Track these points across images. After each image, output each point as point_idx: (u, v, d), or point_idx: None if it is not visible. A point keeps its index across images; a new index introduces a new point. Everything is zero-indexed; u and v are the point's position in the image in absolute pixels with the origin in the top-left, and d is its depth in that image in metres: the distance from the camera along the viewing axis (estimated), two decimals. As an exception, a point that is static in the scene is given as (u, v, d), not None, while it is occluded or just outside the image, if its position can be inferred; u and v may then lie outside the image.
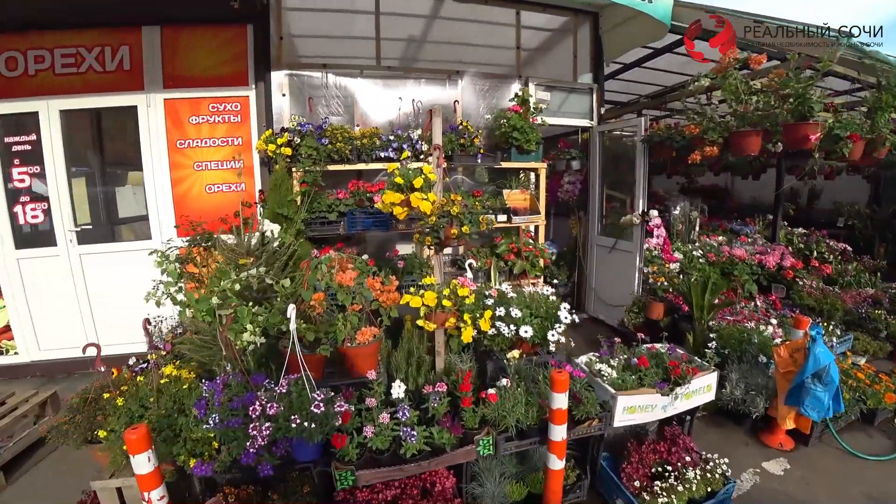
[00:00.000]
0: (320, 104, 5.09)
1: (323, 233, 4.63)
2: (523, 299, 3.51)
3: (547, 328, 3.33)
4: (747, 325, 4.64)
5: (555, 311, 3.39)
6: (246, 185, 5.12)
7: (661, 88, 7.41)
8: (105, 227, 5.27)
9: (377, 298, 3.24)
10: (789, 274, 6.07)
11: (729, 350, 4.25)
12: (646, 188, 5.34)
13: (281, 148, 4.50)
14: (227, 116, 5.09)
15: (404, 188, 3.08)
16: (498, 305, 3.42)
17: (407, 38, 5.60)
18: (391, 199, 3.03)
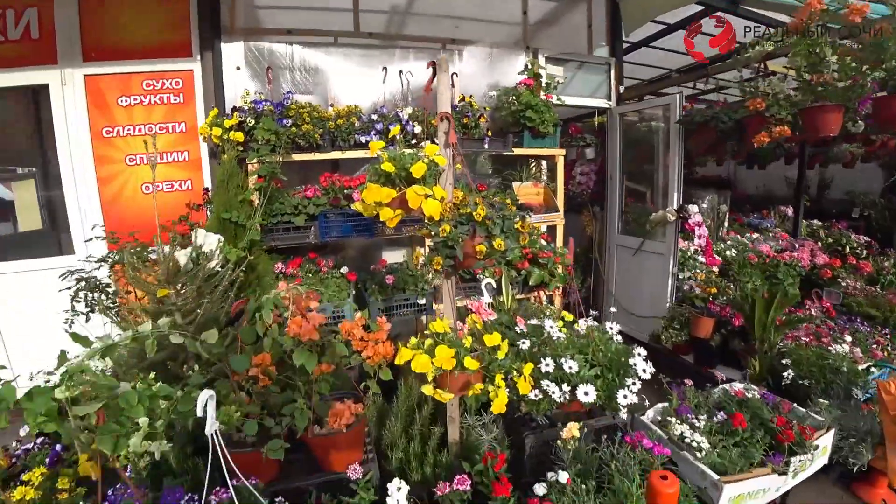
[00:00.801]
0: (283, 79, 3.74)
1: (288, 241, 3.31)
2: (574, 341, 2.25)
3: (614, 386, 2.07)
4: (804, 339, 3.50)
5: (624, 359, 2.13)
6: (193, 182, 3.76)
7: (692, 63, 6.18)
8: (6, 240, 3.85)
9: (359, 351, 1.95)
10: (826, 273, 4.94)
11: (810, 381, 3.07)
12: (681, 179, 4.13)
13: (229, 132, 3.16)
14: (167, 96, 3.72)
15: (396, 179, 1.78)
16: (541, 355, 2.14)
17: (390, 10, 4.25)
18: (376, 195, 1.75)
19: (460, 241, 1.77)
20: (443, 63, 1.99)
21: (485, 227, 1.81)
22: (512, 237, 1.88)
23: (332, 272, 3.42)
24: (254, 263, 3.01)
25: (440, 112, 1.95)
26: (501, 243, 1.77)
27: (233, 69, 3.74)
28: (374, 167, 1.89)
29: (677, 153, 4.08)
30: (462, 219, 1.86)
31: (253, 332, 1.74)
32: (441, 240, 1.77)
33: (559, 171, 4.02)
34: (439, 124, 1.96)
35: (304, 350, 1.76)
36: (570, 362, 2.05)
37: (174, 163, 3.74)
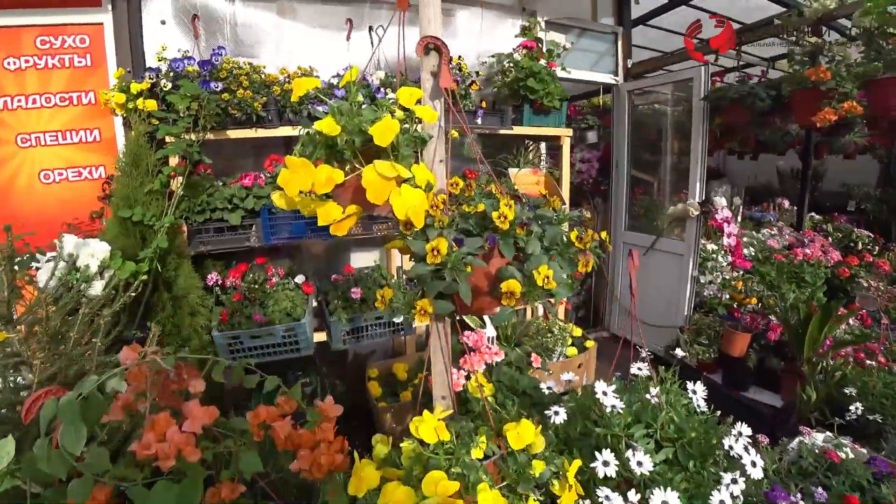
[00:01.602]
0: (222, 38, 2.73)
1: (222, 246, 2.34)
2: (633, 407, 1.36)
3: (703, 485, 1.20)
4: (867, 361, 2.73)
5: (715, 439, 1.26)
6: (107, 168, 2.74)
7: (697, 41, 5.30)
8: None
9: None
10: (845, 273, 4.19)
11: (884, 417, 2.28)
12: (704, 167, 3.28)
13: (137, 100, 2.16)
14: (69, 57, 2.68)
15: (346, 152, 0.83)
16: (586, 435, 1.26)
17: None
18: (303, 179, 0.79)
19: (467, 269, 0.87)
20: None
21: (510, 242, 0.91)
22: (565, 259, 0.99)
23: (284, 282, 2.47)
24: (169, 279, 2.05)
25: (424, 37, 1.03)
26: (550, 276, 0.87)
27: (156, 24, 2.71)
28: (305, 132, 0.96)
29: (701, 136, 3.23)
30: (470, 223, 0.95)
31: (54, 461, 0.80)
32: (430, 268, 0.86)
33: (565, 156, 3.11)
34: (423, 59, 1.04)
35: (169, 486, 0.83)
36: (638, 455, 1.16)
37: (82, 143, 2.70)
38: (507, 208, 0.91)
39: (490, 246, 0.90)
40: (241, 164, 2.85)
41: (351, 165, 0.92)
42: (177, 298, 2.04)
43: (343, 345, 2.40)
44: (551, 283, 0.90)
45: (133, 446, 0.80)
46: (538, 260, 0.91)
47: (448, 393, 1.17)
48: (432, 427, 0.95)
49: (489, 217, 0.91)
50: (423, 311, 0.92)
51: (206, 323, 2.19)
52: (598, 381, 1.30)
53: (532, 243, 0.92)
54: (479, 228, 0.94)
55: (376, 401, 2.42)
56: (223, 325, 2.22)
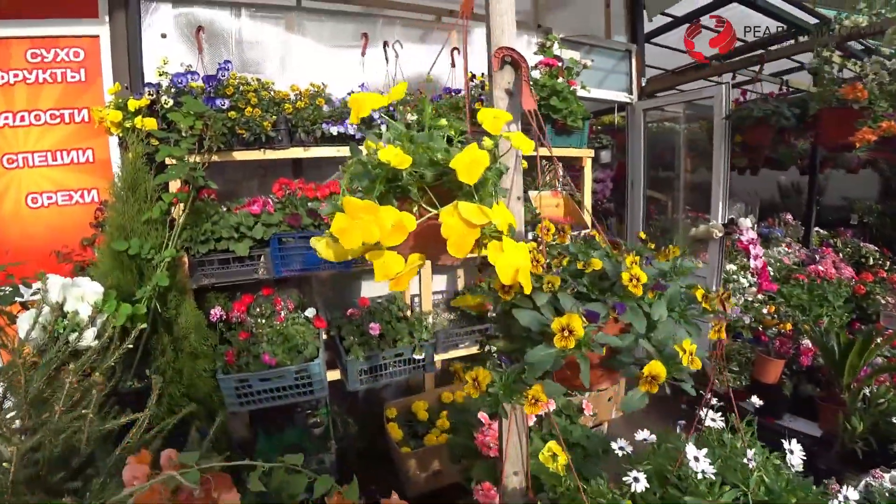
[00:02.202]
0: (227, 52, 2.52)
1: (226, 279, 2.10)
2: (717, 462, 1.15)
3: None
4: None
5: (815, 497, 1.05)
6: (100, 191, 2.50)
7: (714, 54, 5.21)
8: None
9: None
10: (860, 290, 4.04)
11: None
12: (727, 188, 3.12)
13: (135, 118, 1.93)
14: (62, 72, 2.47)
15: (408, 188, 0.60)
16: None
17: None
18: (365, 226, 0.55)
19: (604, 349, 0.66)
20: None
21: (639, 309, 0.70)
22: (690, 325, 0.78)
23: (294, 316, 2.23)
24: (169, 319, 1.80)
25: (500, 48, 0.82)
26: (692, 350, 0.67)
27: (156, 37, 2.50)
28: (356, 161, 0.75)
29: (723, 155, 3.07)
30: (583, 283, 0.74)
31: None
32: (552, 353, 0.64)
33: (587, 178, 2.93)
34: (496, 74, 0.84)
35: None
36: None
37: (74, 164, 2.47)
38: (637, 267, 0.70)
39: (618, 314, 0.69)
40: (244, 186, 2.62)
41: (417, 206, 0.71)
42: (178, 341, 1.79)
43: (360, 385, 2.16)
44: (696, 363, 0.70)
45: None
46: (666, 329, 0.71)
47: (521, 468, 0.95)
48: None
49: (607, 276, 0.71)
50: (534, 400, 0.70)
51: (211, 365, 1.94)
52: (689, 445, 1.08)
53: (658, 307, 0.72)
54: (595, 290, 0.74)
55: (398, 444, 2.17)
56: (229, 367, 1.96)
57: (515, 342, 0.75)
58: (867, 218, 6.01)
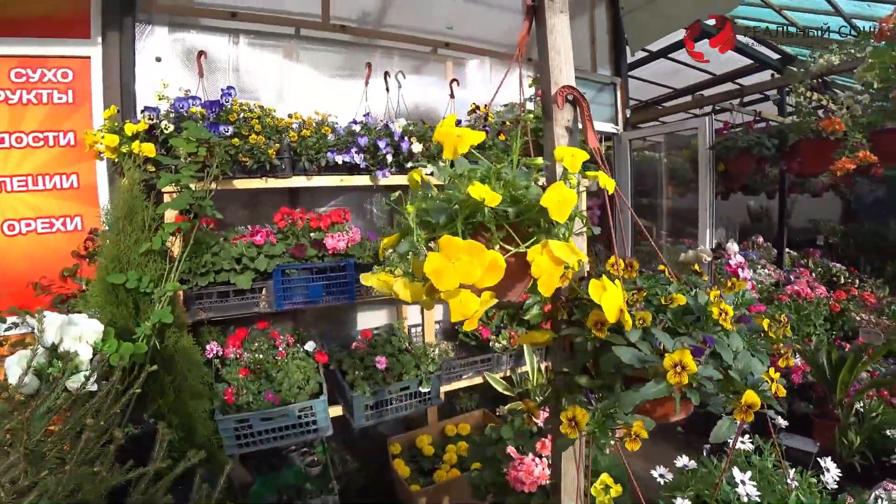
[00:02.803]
0: (224, 79, 2.47)
1: (226, 312, 1.99)
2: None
3: None
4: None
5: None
6: (84, 219, 2.38)
7: (671, 90, 5.44)
8: None
9: None
10: (835, 308, 4.21)
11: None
12: (713, 214, 3.22)
13: (132, 143, 1.84)
14: (48, 93, 2.37)
15: (489, 225, 0.57)
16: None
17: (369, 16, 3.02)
18: (467, 267, 0.52)
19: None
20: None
21: (724, 342, 0.68)
22: (760, 354, 0.77)
23: (293, 350, 2.13)
24: (168, 356, 1.68)
25: (563, 87, 0.83)
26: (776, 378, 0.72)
27: (150, 60, 2.43)
28: (426, 196, 0.71)
29: (708, 184, 3.18)
30: (668, 318, 0.72)
31: None
32: (666, 387, 0.61)
33: (581, 205, 2.97)
34: (557, 111, 0.83)
35: None
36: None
37: (56, 190, 2.34)
38: (720, 301, 0.69)
39: (709, 347, 0.67)
40: (235, 215, 2.52)
41: (498, 244, 0.67)
42: (177, 380, 1.66)
43: (366, 421, 2.06)
44: (781, 390, 0.69)
45: None
46: (746, 359, 0.70)
47: (580, 502, 0.90)
48: None
49: (690, 311, 0.69)
50: (636, 435, 0.67)
51: (208, 406, 1.81)
52: (735, 468, 1.07)
53: (735, 338, 0.71)
54: (681, 325, 0.72)
55: (406, 483, 2.07)
56: (228, 408, 1.84)
57: (602, 378, 0.72)
58: (832, 238, 6.34)
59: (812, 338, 3.06)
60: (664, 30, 3.67)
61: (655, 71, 5.72)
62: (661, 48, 4.93)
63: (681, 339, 0.67)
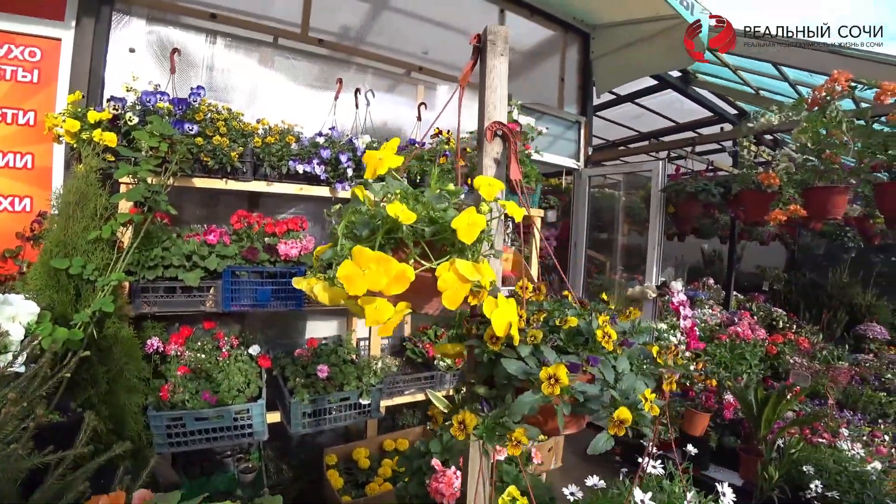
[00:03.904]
0: (197, 78, 2.52)
1: (171, 309, 2.01)
2: None
3: None
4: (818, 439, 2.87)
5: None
6: (35, 201, 2.35)
7: (636, 133, 5.77)
8: None
9: None
10: (772, 350, 4.50)
11: (840, 493, 2.35)
12: (661, 253, 3.44)
13: (93, 130, 1.87)
14: (13, 69, 2.37)
15: (407, 241, 0.67)
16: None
17: (347, 35, 3.14)
18: (375, 275, 0.61)
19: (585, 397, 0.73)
20: (499, 40, 1.01)
21: (609, 363, 0.79)
22: (648, 377, 0.88)
23: (237, 352, 2.15)
24: (105, 347, 1.69)
25: (493, 122, 0.94)
26: (653, 399, 0.76)
27: (124, 51, 2.45)
28: (356, 210, 0.80)
29: (658, 224, 3.41)
30: (560, 338, 0.82)
31: None
32: (540, 398, 0.71)
33: (537, 236, 3.09)
34: (487, 144, 0.94)
35: None
36: None
37: (8, 168, 2.31)
38: (607, 325, 0.80)
39: (592, 366, 0.77)
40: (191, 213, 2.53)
41: (413, 258, 0.77)
42: (113, 372, 1.67)
43: (302, 429, 2.08)
44: (655, 410, 0.79)
45: None
46: (630, 380, 0.80)
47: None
48: None
49: (580, 332, 0.80)
50: (517, 441, 0.75)
51: (142, 400, 1.81)
52: (636, 489, 1.17)
53: (622, 360, 0.81)
54: (571, 344, 0.82)
55: (338, 493, 2.09)
56: (162, 404, 1.84)
57: (497, 389, 0.81)
58: (776, 285, 6.77)
59: (743, 376, 3.27)
60: (629, 76, 3.96)
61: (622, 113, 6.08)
62: (630, 93, 5.27)
63: (568, 357, 0.78)
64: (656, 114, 5.83)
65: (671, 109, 5.78)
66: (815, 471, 2.50)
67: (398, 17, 3.22)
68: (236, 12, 2.63)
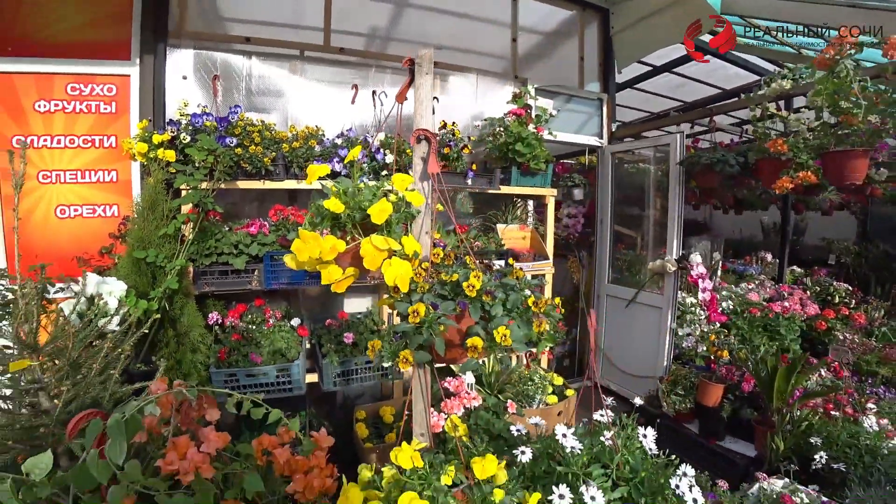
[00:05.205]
0: (238, 94, 3.03)
1: (225, 287, 2.54)
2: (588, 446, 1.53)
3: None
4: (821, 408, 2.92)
5: (663, 480, 1.44)
6: (121, 207, 2.97)
7: (682, 103, 5.74)
8: None
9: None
10: (821, 326, 4.42)
11: (846, 465, 2.44)
12: (681, 226, 3.55)
13: (158, 150, 2.41)
14: (95, 104, 2.96)
15: (347, 224, 1.06)
16: (550, 475, 1.44)
17: (367, 33, 3.56)
18: (311, 249, 1.01)
19: (441, 328, 1.08)
20: (425, 62, 1.33)
21: (479, 306, 1.12)
22: (521, 320, 1.19)
23: (281, 324, 2.66)
24: (174, 317, 2.23)
25: (417, 129, 1.28)
26: (507, 334, 1.08)
27: (178, 78, 3.02)
28: (315, 204, 1.19)
29: (677, 197, 3.52)
30: (446, 289, 1.16)
31: (93, 476, 0.97)
32: (410, 327, 1.07)
33: (549, 214, 3.38)
34: (415, 146, 1.28)
35: (186, 498, 1.00)
36: (591, 490, 1.33)
37: (99, 183, 2.95)
38: (476, 279, 1.12)
39: (461, 309, 1.10)
40: (247, 208, 3.08)
41: (352, 235, 1.14)
42: (180, 336, 2.22)
43: (334, 386, 2.56)
44: (508, 341, 1.10)
45: (159, 462, 0.98)
46: (499, 321, 1.12)
47: (426, 431, 1.34)
48: (409, 456, 1.13)
49: (461, 285, 1.13)
50: (405, 359, 1.11)
51: (205, 360, 2.35)
52: (558, 425, 1.47)
53: (496, 307, 1.14)
54: (453, 294, 1.16)
55: (362, 441, 2.56)
56: (221, 363, 2.38)
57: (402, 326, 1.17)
58: (844, 258, 6.41)
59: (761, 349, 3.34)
60: (648, 49, 4.03)
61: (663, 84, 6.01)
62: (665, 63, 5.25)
63: (446, 302, 1.11)
64: (700, 82, 5.73)
65: (715, 76, 5.64)
66: (822, 442, 2.58)
67: (414, 13, 3.56)
68: (265, 32, 3.11)
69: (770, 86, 2.95)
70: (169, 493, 1.01)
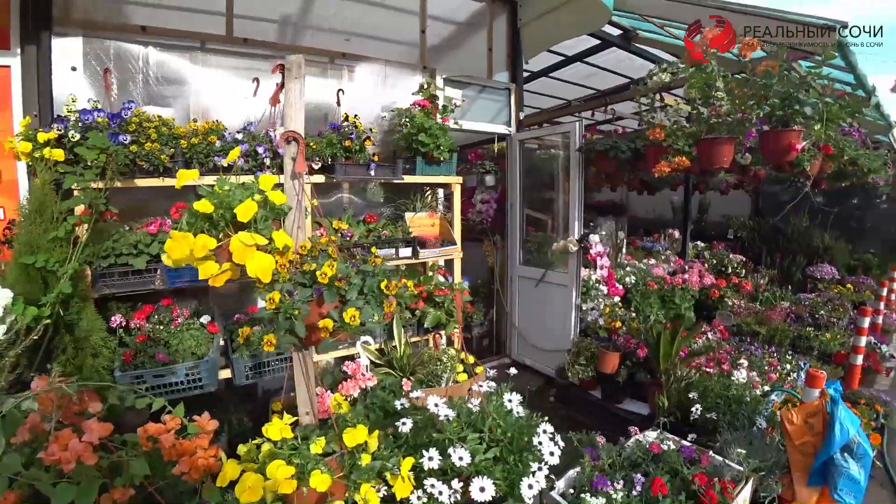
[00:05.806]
0: (135, 87, 2.98)
1: (127, 289, 2.55)
2: (467, 415, 1.76)
3: (516, 473, 1.61)
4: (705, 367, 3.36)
5: (527, 438, 1.69)
6: (5, 211, 2.86)
7: (594, 91, 6.11)
8: None
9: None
10: (714, 294, 5.01)
11: (718, 414, 2.86)
12: (582, 208, 3.89)
13: (44, 149, 2.36)
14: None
15: (218, 223, 1.20)
16: (427, 440, 1.65)
17: (278, 21, 3.56)
18: (182, 247, 1.14)
19: (299, 312, 1.23)
20: (294, 67, 1.46)
21: (334, 291, 1.28)
22: (374, 302, 1.36)
23: (189, 322, 2.70)
24: (71, 322, 2.24)
25: (286, 131, 1.41)
26: (356, 315, 1.25)
27: (67, 70, 2.91)
28: (189, 206, 1.30)
29: (578, 181, 3.84)
30: (306, 278, 1.32)
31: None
32: (268, 313, 1.22)
33: (456, 201, 3.59)
34: (285, 148, 1.42)
35: (70, 486, 1.10)
36: (460, 451, 1.55)
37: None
38: (329, 268, 1.28)
39: (317, 295, 1.27)
40: (153, 207, 3.03)
41: (225, 234, 1.26)
42: (79, 341, 2.22)
43: (246, 380, 2.65)
44: (356, 321, 1.28)
45: (41, 454, 1.08)
46: (352, 304, 1.30)
47: (311, 409, 1.50)
48: (279, 429, 1.29)
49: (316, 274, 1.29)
50: (269, 342, 1.26)
51: (109, 364, 2.36)
52: (430, 396, 1.68)
53: (351, 291, 1.31)
54: (312, 282, 1.31)
55: (278, 430, 2.68)
56: (126, 366, 2.40)
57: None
58: (741, 232, 7.19)
59: (651, 317, 3.77)
60: (551, 41, 4.30)
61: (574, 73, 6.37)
62: (576, 53, 5.59)
63: (304, 290, 1.27)
64: (609, 71, 6.15)
65: (622, 66, 6.07)
66: (699, 396, 2.99)
67: (321, 3, 3.61)
68: (166, 11, 3.06)
69: (653, 79, 3.29)
70: (53, 484, 1.11)
